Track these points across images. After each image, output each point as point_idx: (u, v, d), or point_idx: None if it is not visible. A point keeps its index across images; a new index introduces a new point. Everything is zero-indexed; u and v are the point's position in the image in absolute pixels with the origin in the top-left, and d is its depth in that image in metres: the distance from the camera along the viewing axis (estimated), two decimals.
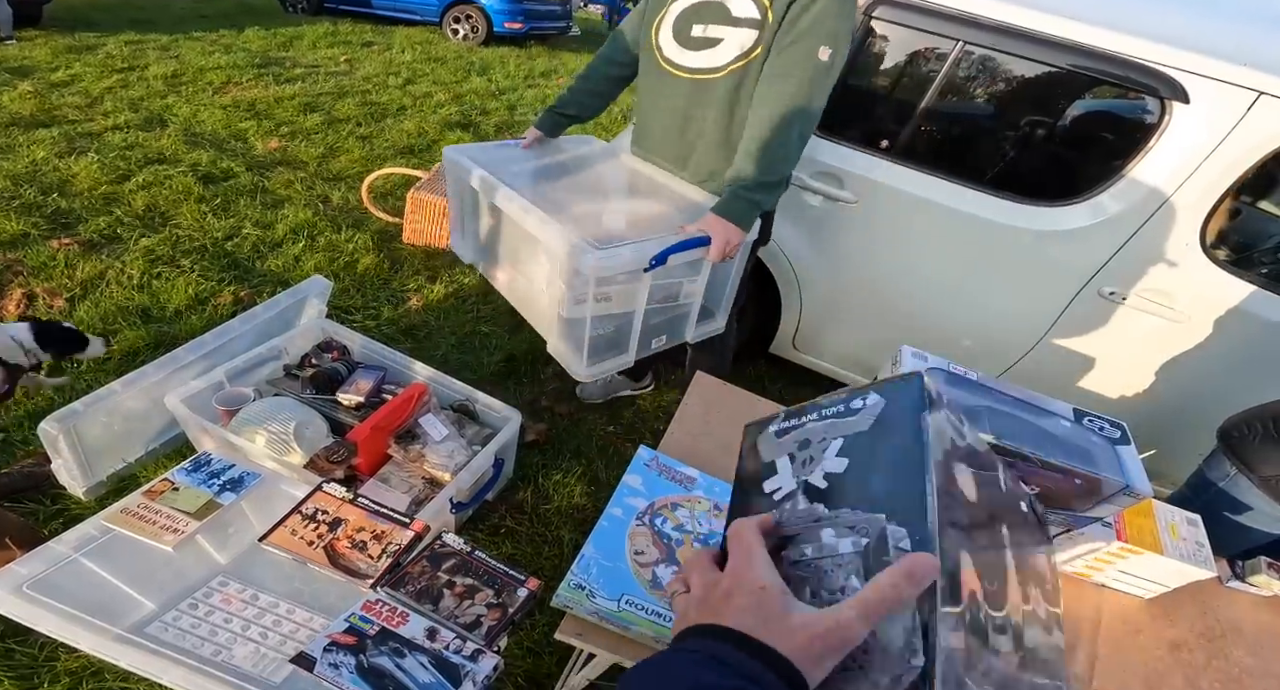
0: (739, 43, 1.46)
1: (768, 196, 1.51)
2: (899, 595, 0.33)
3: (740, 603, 0.36)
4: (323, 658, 0.97)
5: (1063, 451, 0.83)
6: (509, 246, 1.79)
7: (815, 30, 1.37)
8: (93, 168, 3.14)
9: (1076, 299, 1.91)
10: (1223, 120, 1.61)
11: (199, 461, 1.24)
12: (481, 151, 1.81)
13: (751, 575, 0.37)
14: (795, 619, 0.34)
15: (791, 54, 1.39)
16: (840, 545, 0.41)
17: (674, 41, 1.56)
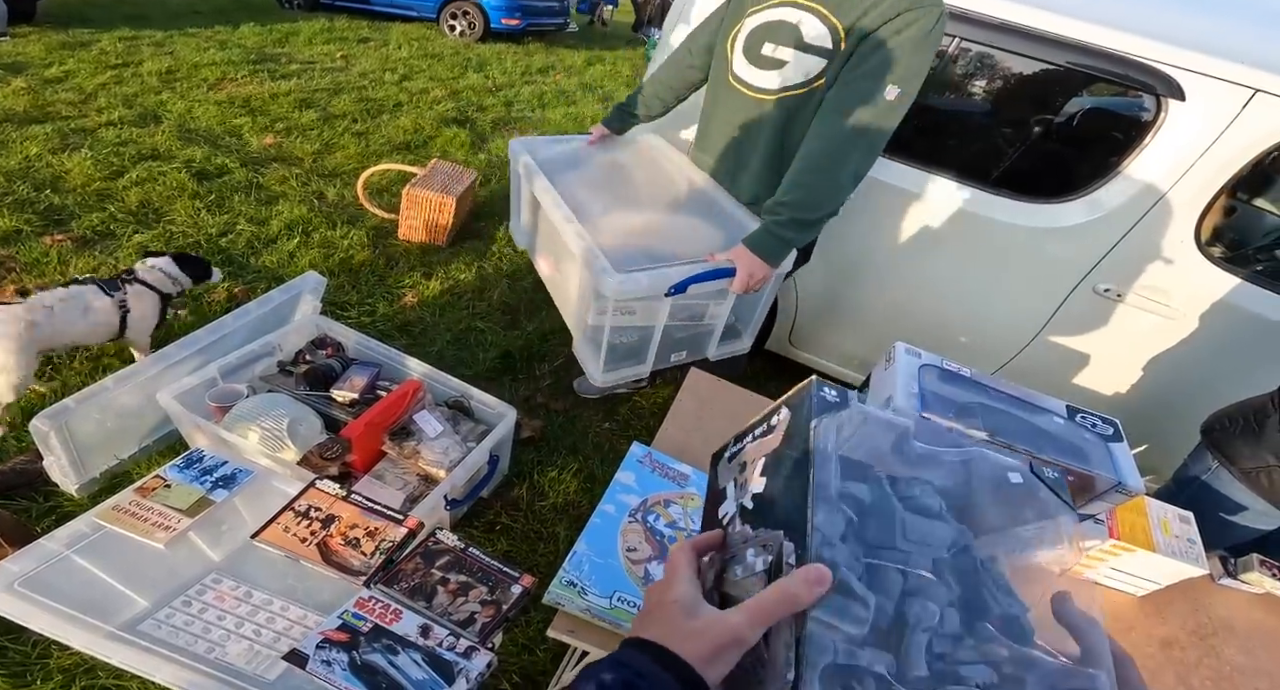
0: (804, 69, 1.40)
1: (802, 234, 1.44)
2: (788, 601, 0.36)
3: (655, 617, 0.40)
4: (315, 655, 0.96)
5: (1056, 448, 0.83)
6: (552, 241, 1.81)
7: (886, 70, 1.29)
8: (86, 164, 3.12)
9: (1072, 296, 1.91)
10: (1218, 117, 1.61)
11: (191, 458, 1.24)
12: (546, 145, 1.83)
13: (668, 593, 0.42)
14: (695, 624, 0.38)
15: (856, 89, 1.33)
16: (756, 564, 0.42)
17: (743, 57, 1.52)
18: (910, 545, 0.42)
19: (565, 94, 6.10)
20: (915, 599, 0.40)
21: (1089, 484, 0.84)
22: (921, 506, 0.44)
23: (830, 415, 0.46)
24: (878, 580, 0.40)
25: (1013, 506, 0.48)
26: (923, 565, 0.41)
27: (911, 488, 0.45)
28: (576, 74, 6.98)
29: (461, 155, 4.14)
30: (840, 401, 0.48)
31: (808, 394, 0.48)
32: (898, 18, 1.27)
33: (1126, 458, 0.86)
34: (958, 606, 0.40)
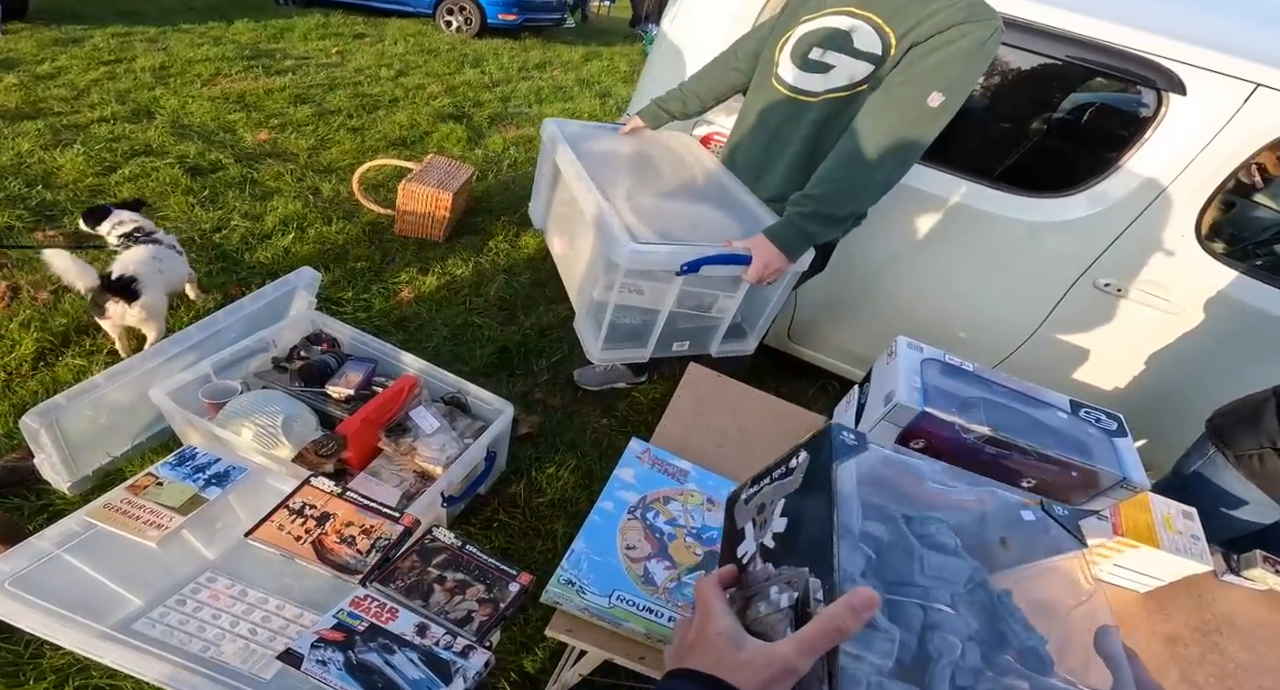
0: (849, 73, 1.40)
1: (824, 229, 1.43)
2: (837, 627, 0.37)
3: (699, 649, 0.42)
4: (310, 654, 0.95)
5: (1059, 444, 0.82)
6: (569, 218, 1.81)
7: (933, 76, 1.29)
8: (78, 160, 3.09)
9: (1072, 290, 1.90)
10: (1219, 112, 1.60)
11: (183, 455, 1.22)
12: (580, 128, 1.83)
13: (710, 626, 0.43)
14: (745, 656, 0.39)
15: (899, 93, 1.32)
16: (781, 600, 0.44)
17: (790, 61, 1.52)
18: (929, 580, 0.43)
19: (562, 89, 6.07)
20: (936, 632, 0.41)
21: (1093, 480, 0.83)
22: (937, 543, 0.46)
23: (850, 457, 0.48)
24: (899, 615, 0.41)
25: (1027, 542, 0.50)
26: (942, 600, 0.43)
27: (927, 525, 0.48)
28: (574, 70, 6.95)
29: (458, 151, 4.11)
30: (859, 444, 0.49)
31: (826, 438, 0.50)
32: (952, 28, 1.26)
33: (1131, 453, 0.85)
34: (977, 640, 0.42)
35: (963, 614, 0.43)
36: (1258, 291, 1.76)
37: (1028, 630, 0.43)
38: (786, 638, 0.39)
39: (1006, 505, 0.51)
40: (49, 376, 1.97)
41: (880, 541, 0.45)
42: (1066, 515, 0.51)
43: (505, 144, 4.34)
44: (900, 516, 0.48)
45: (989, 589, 0.45)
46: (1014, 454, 0.81)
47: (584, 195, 1.47)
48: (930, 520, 0.48)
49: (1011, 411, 0.86)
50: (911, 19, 1.30)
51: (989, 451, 0.81)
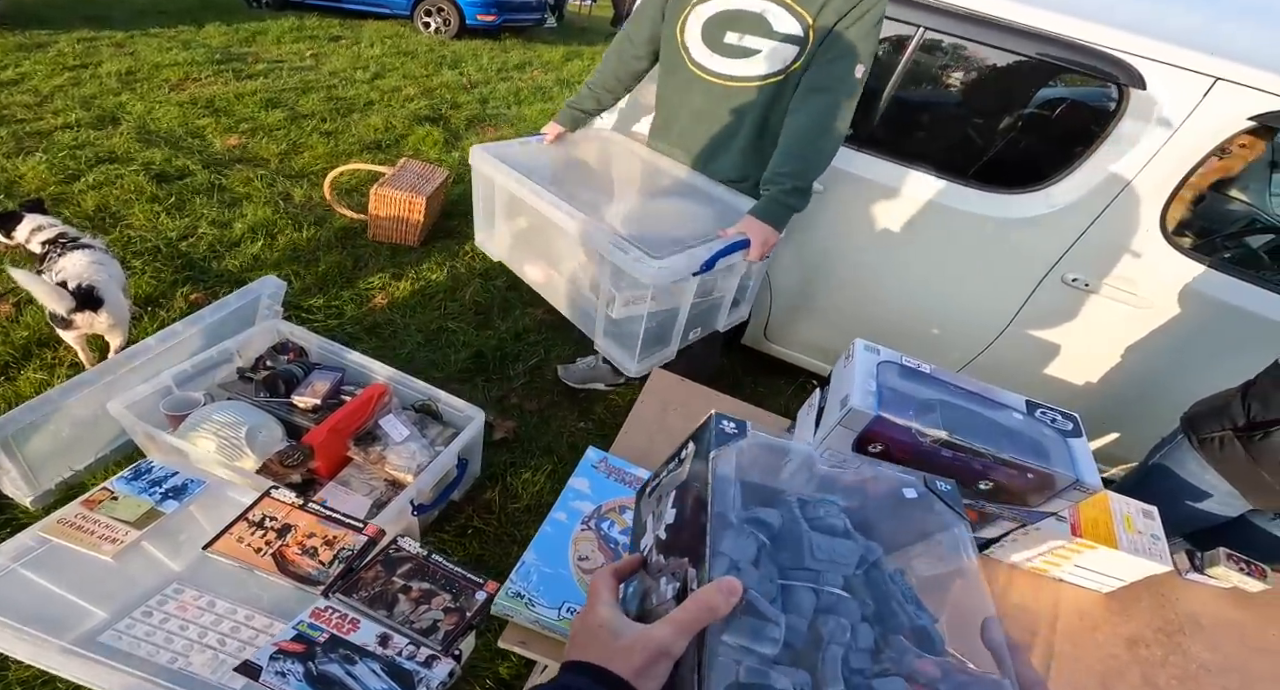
0: (780, 57, 1.52)
1: (801, 200, 1.57)
2: (706, 609, 0.38)
3: (584, 641, 0.43)
4: (269, 666, 0.94)
5: (1015, 446, 0.82)
6: (544, 246, 1.83)
7: (854, 50, 1.46)
8: (41, 168, 3.03)
9: (1041, 286, 1.92)
10: (1180, 106, 1.62)
11: (139, 469, 1.20)
12: (507, 149, 1.82)
13: (590, 617, 0.44)
14: (623, 642, 0.40)
15: (831, 70, 1.48)
16: (668, 591, 0.44)
17: (703, 45, 1.60)
18: (819, 564, 0.43)
19: (542, 90, 6.04)
20: (828, 616, 0.41)
21: (1048, 482, 0.83)
22: (827, 526, 0.46)
23: (728, 446, 0.48)
24: (792, 600, 0.42)
25: (913, 520, 0.51)
26: (834, 583, 0.43)
27: (817, 509, 0.47)
28: (554, 70, 6.92)
29: (435, 154, 4.08)
30: (738, 432, 0.50)
31: (708, 427, 0.50)
32: (855, 7, 1.44)
33: (1085, 454, 0.85)
34: (870, 621, 0.42)
35: (857, 595, 0.43)
36: (1225, 285, 1.78)
37: (919, 609, 0.44)
38: (661, 620, 0.40)
39: (891, 484, 0.52)
40: (10, 390, 1.92)
41: (771, 527, 0.45)
42: (948, 490, 0.52)
43: None
44: (795, 500, 0.48)
45: (882, 569, 0.46)
46: (970, 457, 0.81)
47: (564, 219, 1.51)
48: (822, 503, 0.48)
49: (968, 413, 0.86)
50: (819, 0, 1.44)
51: (945, 455, 0.81)
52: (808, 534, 0.45)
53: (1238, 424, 1.27)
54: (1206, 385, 1.48)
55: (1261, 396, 1.26)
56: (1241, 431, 1.26)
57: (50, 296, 1.67)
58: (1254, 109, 1.55)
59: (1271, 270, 2.02)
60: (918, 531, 0.51)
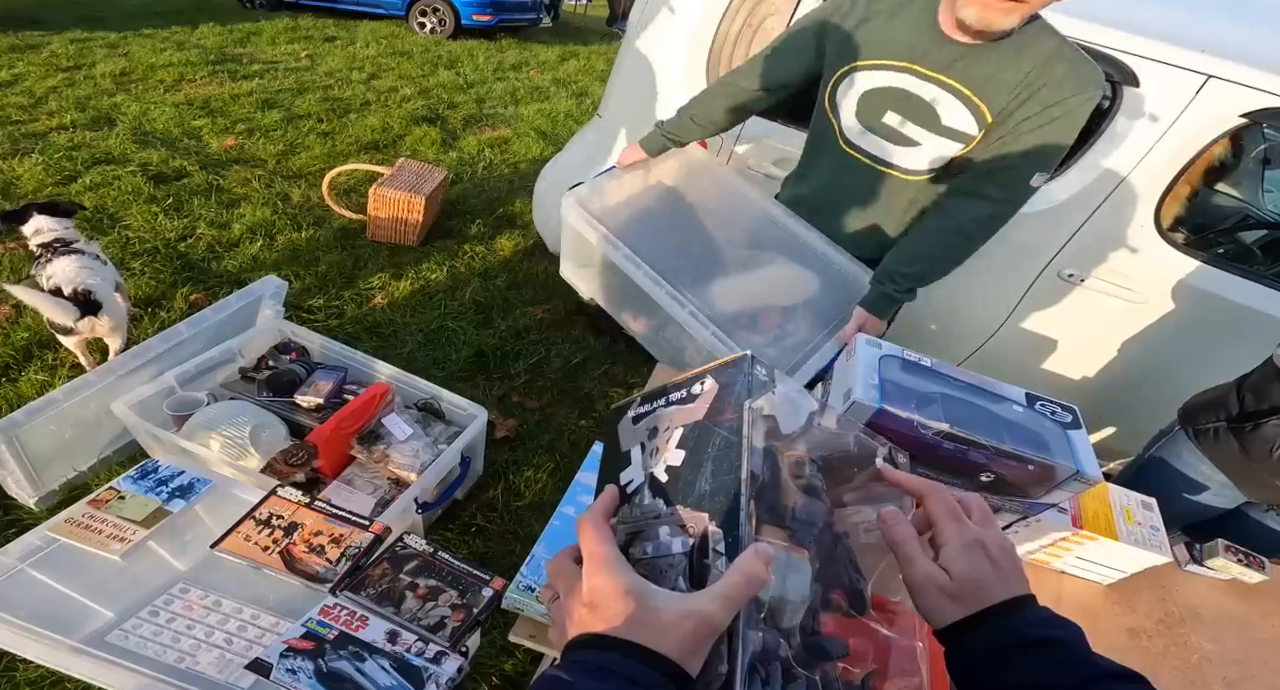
0: (939, 151, 1.28)
1: (913, 297, 1.37)
2: (754, 582, 0.35)
3: (609, 611, 0.36)
4: (279, 663, 0.95)
5: (1015, 438, 0.83)
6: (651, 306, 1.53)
7: (1037, 159, 1.20)
8: (37, 169, 3.02)
9: (1038, 281, 1.94)
10: (1172, 104, 1.64)
11: (145, 469, 1.20)
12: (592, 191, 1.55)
13: (611, 582, 0.37)
14: (665, 617, 0.35)
15: (1000, 177, 1.23)
16: (673, 544, 0.40)
17: (856, 119, 1.35)
18: (796, 524, 0.42)
19: (539, 90, 6.04)
20: (794, 575, 0.40)
21: (1049, 473, 0.84)
22: (810, 486, 0.45)
23: (762, 395, 0.44)
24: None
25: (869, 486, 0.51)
26: (804, 542, 0.42)
27: (803, 468, 0.46)
28: (550, 69, 6.92)
29: (432, 154, 4.08)
30: (769, 381, 0.46)
31: (742, 370, 0.45)
32: (1058, 104, 1.15)
33: (1085, 445, 0.86)
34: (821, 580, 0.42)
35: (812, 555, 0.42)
36: (1218, 279, 1.80)
37: (855, 571, 0.44)
38: (706, 591, 0.35)
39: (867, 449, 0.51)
40: (12, 392, 1.92)
41: (762, 481, 0.42)
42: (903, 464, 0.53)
43: (480, 146, 4.32)
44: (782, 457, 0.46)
45: (833, 530, 0.45)
46: (972, 449, 0.82)
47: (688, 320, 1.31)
48: (809, 463, 0.46)
49: (969, 406, 0.87)
50: (1009, 92, 1.17)
51: (947, 447, 0.82)
52: (793, 494, 0.43)
53: (1231, 415, 1.29)
54: (1200, 379, 1.50)
55: (1255, 388, 1.28)
56: (1234, 422, 1.28)
57: (54, 310, 1.67)
58: (1246, 106, 1.57)
59: (1264, 265, 2.04)
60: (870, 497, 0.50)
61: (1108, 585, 1.08)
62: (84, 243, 1.94)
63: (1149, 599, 1.07)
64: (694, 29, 1.94)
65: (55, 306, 1.67)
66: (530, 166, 4.10)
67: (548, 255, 2.97)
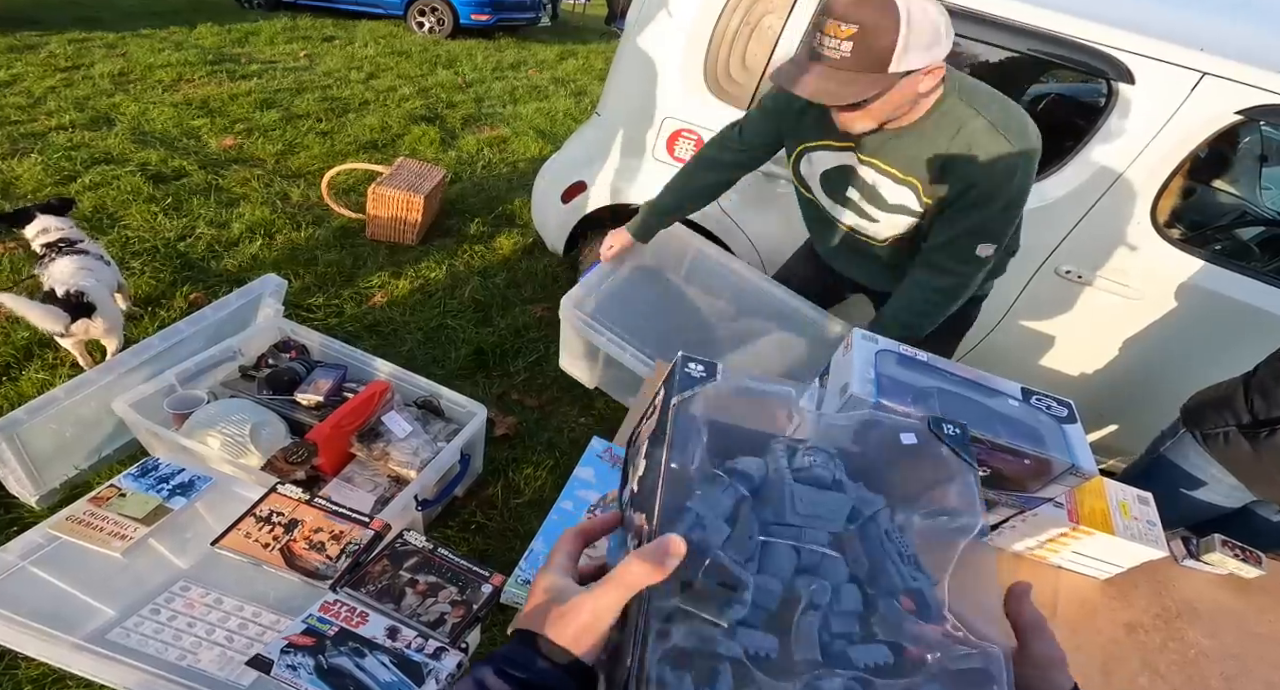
0: (895, 226, 1.37)
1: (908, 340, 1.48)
2: (643, 571, 0.35)
3: (532, 605, 0.41)
4: (280, 659, 0.95)
5: (1012, 432, 0.83)
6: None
7: (975, 230, 1.26)
8: (36, 169, 3.02)
9: (1034, 278, 1.94)
10: (1168, 101, 1.64)
11: (146, 467, 1.21)
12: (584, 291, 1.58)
13: (545, 581, 0.42)
14: (564, 607, 0.38)
15: (950, 249, 1.31)
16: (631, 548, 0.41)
17: (824, 194, 1.45)
18: (801, 519, 0.39)
19: (538, 89, 6.04)
20: (808, 577, 0.38)
21: (1045, 467, 0.85)
22: (813, 477, 0.42)
23: (693, 390, 0.44)
24: (770, 558, 0.38)
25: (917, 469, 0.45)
26: (818, 540, 0.39)
27: (804, 458, 0.43)
28: (549, 68, 6.92)
29: (431, 153, 4.08)
30: (707, 375, 0.45)
31: (674, 370, 0.46)
32: (980, 182, 1.20)
33: (1080, 440, 0.86)
34: (861, 581, 0.38)
35: (848, 553, 0.39)
36: (1215, 275, 1.81)
37: (916, 570, 0.39)
38: (596, 583, 0.38)
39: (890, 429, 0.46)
40: (12, 391, 1.92)
41: (753, 479, 0.41)
42: (956, 434, 0.45)
43: (479, 145, 4.32)
44: (783, 449, 0.43)
45: (878, 524, 0.41)
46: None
47: None
48: (813, 451, 0.43)
49: (965, 401, 0.88)
50: (934, 170, 1.23)
51: None
52: (790, 486, 0.41)
53: (1242, 420, 1.28)
54: (1198, 375, 1.51)
55: (1263, 391, 1.27)
56: (1246, 428, 1.27)
57: (44, 318, 1.67)
58: (1241, 103, 1.58)
59: (1261, 261, 2.05)
60: (923, 481, 0.44)
61: (1105, 580, 1.08)
62: (88, 242, 1.95)
63: (1146, 594, 1.08)
64: (691, 27, 1.94)
65: (44, 315, 1.67)
66: (529, 165, 4.11)
67: (547, 253, 2.98)
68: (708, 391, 0.44)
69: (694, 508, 0.39)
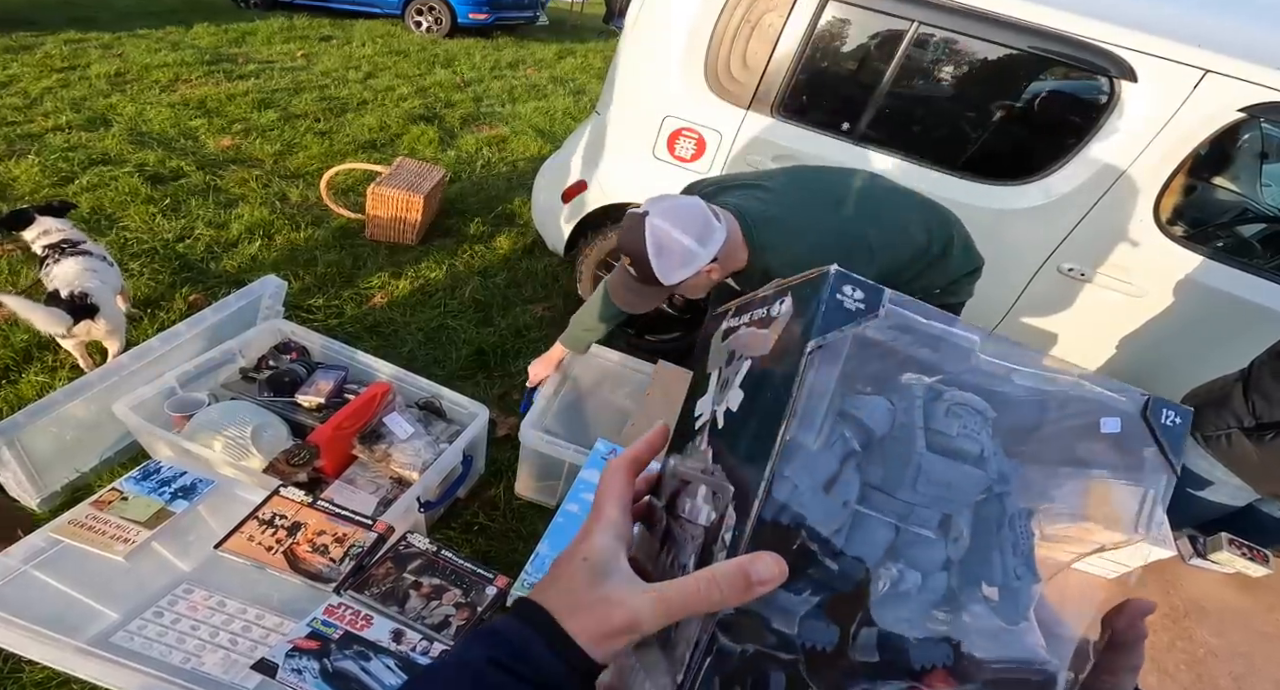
0: None
1: None
2: (709, 601, 0.29)
3: (565, 576, 0.33)
4: (285, 663, 0.95)
5: None
6: None
7: None
8: (33, 170, 3.01)
9: (1037, 276, 1.94)
10: (1170, 98, 1.64)
11: (148, 470, 1.20)
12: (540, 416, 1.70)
13: (587, 543, 0.33)
14: (595, 595, 0.31)
15: None
16: (701, 515, 0.33)
17: None
18: (919, 497, 0.31)
19: (536, 88, 6.03)
20: (896, 563, 0.31)
21: None
22: (953, 449, 0.31)
23: (843, 330, 0.29)
24: (861, 534, 0.30)
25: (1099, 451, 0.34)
26: (927, 521, 0.31)
27: (951, 419, 0.31)
28: (547, 67, 6.90)
29: (430, 152, 4.07)
30: (864, 309, 0.29)
31: (819, 291, 0.30)
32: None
33: None
34: (954, 567, 0.31)
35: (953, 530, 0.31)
36: (1217, 272, 1.81)
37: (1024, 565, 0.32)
38: (652, 588, 0.30)
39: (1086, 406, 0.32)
40: (12, 393, 1.91)
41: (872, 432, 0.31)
42: (1175, 425, 0.32)
43: (478, 144, 4.31)
44: (922, 389, 0.32)
45: (1005, 504, 0.32)
46: None
47: None
48: (962, 411, 0.31)
49: None
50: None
51: None
52: (919, 455, 0.31)
53: (1244, 423, 1.28)
54: (1201, 371, 1.51)
55: (1263, 392, 1.26)
56: (1250, 431, 1.27)
57: (47, 320, 1.67)
58: (1244, 100, 1.57)
59: (1263, 258, 2.05)
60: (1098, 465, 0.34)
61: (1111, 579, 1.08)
62: (91, 243, 1.94)
63: (1153, 593, 1.08)
64: (692, 25, 1.93)
65: (46, 317, 1.66)
66: (528, 164, 4.10)
67: (547, 253, 2.97)
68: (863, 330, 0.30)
69: (791, 478, 0.29)
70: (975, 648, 0.31)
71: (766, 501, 0.29)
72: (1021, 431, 0.33)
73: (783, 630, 0.30)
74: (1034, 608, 0.33)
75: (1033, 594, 0.33)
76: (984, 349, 0.32)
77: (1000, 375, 0.32)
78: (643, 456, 0.38)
